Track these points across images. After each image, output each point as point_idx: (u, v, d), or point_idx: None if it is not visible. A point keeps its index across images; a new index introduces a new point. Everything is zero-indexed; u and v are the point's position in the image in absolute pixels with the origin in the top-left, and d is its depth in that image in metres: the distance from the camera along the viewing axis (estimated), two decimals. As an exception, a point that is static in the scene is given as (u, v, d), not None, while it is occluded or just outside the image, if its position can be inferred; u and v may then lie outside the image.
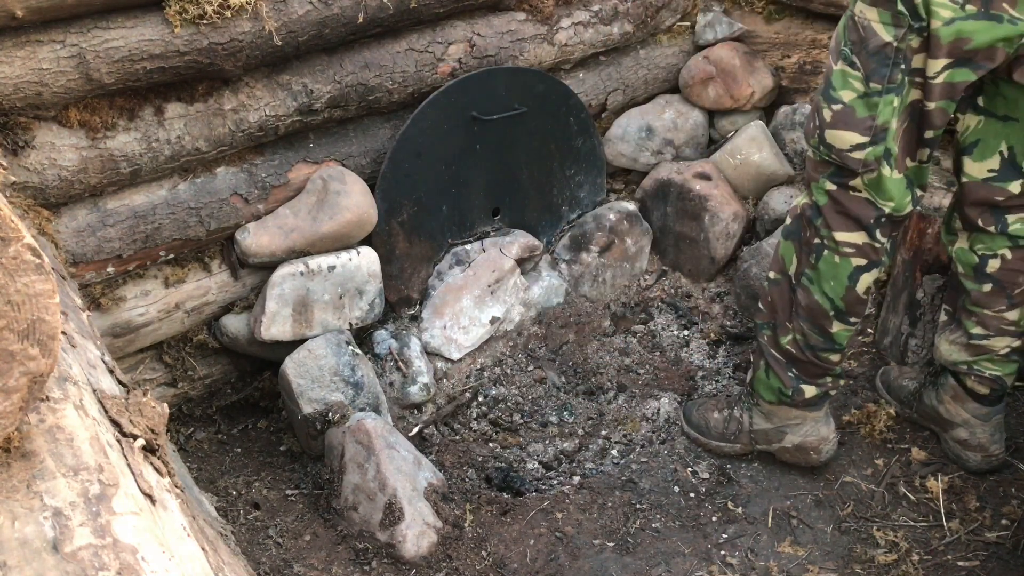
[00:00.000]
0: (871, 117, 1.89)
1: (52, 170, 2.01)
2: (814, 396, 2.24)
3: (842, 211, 2.01)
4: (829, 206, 2.03)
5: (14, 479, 0.92)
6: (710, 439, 2.42)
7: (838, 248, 2.04)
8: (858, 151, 1.92)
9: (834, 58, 1.93)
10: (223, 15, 2.05)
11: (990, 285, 2.13)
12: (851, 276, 2.06)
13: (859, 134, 1.90)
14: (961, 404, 2.27)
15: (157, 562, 0.91)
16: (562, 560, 2.12)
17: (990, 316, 2.15)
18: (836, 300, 2.08)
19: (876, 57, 1.84)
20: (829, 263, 2.06)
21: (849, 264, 2.05)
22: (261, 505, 2.29)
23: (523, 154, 2.78)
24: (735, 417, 2.37)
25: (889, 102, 1.86)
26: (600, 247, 2.92)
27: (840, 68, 1.90)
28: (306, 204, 2.39)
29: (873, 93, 1.86)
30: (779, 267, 2.19)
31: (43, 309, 0.89)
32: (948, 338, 2.26)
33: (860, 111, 1.89)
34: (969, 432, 2.27)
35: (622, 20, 2.91)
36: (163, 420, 1.23)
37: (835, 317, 2.11)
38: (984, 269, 2.12)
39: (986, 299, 2.14)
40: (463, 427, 2.57)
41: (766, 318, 2.24)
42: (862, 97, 1.88)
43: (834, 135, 1.93)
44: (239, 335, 2.43)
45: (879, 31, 1.82)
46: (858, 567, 2.09)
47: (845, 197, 2.00)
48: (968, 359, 2.22)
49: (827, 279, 2.08)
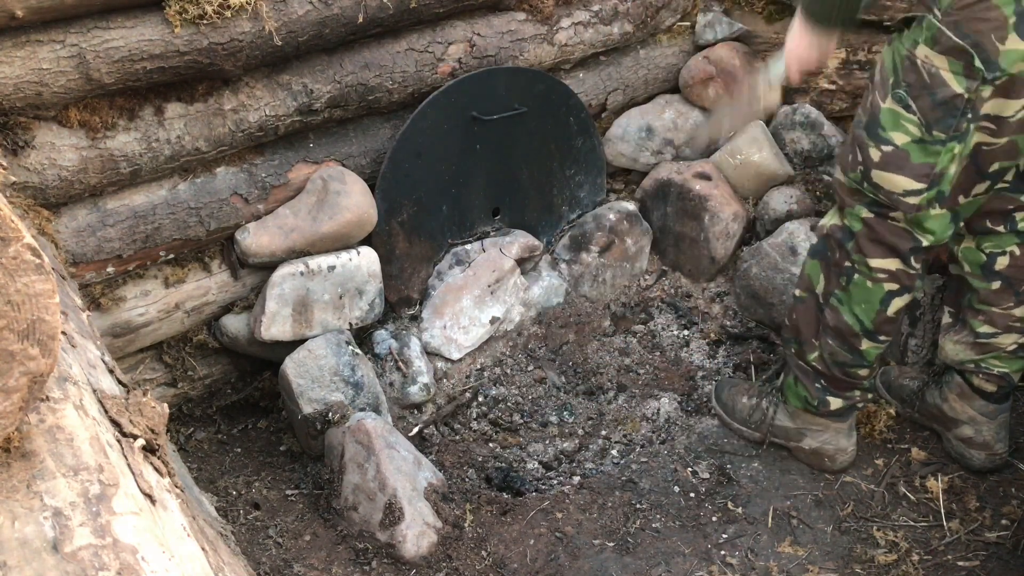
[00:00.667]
0: (930, 165, 1.83)
1: (52, 170, 2.01)
2: (840, 408, 2.24)
3: (877, 239, 1.99)
4: (864, 233, 2.00)
5: (14, 479, 0.92)
6: (733, 420, 2.45)
7: (871, 274, 2.02)
8: (913, 196, 1.88)
9: (882, 94, 1.85)
10: (223, 15, 2.05)
11: (999, 282, 2.13)
12: (883, 300, 2.04)
13: (915, 180, 1.86)
14: (968, 402, 2.27)
15: (157, 562, 0.91)
16: (562, 560, 2.12)
17: (998, 313, 2.15)
18: (867, 322, 2.07)
19: (944, 107, 1.78)
20: (861, 287, 2.04)
21: (882, 289, 2.03)
22: (261, 505, 2.29)
23: (523, 154, 2.78)
24: (761, 408, 2.39)
25: (950, 150, 1.82)
26: (600, 247, 2.92)
27: (891, 107, 1.83)
28: (306, 204, 2.39)
29: (936, 141, 1.81)
30: (806, 285, 2.17)
31: (43, 309, 0.89)
32: (953, 338, 2.26)
33: (916, 156, 1.84)
34: (975, 430, 2.27)
35: (622, 20, 2.91)
36: (163, 420, 1.23)
37: (865, 336, 2.10)
38: (993, 267, 2.12)
39: (994, 296, 2.14)
40: (463, 427, 2.57)
41: (792, 334, 2.24)
42: (918, 143, 1.82)
43: (884, 177, 1.88)
44: (239, 335, 2.43)
45: (949, 81, 1.76)
46: (858, 567, 2.09)
47: (882, 226, 1.97)
48: (975, 357, 2.22)
49: (858, 302, 2.06)
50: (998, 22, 1.67)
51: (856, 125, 1.96)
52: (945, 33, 1.72)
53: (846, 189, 2.02)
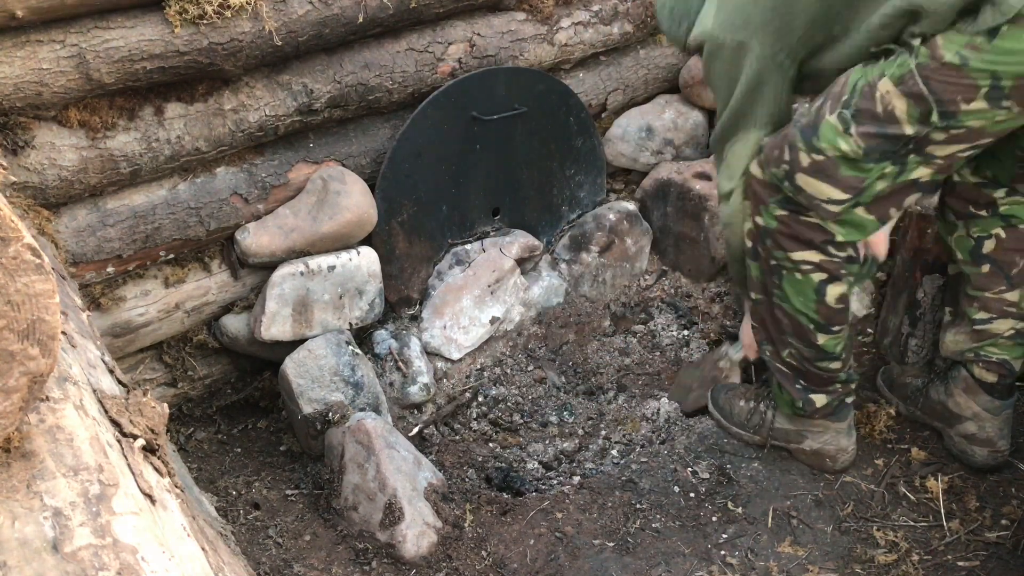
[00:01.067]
0: (859, 179, 1.85)
1: (52, 170, 2.01)
2: (826, 405, 2.24)
3: (792, 235, 1.99)
4: (778, 229, 2.00)
5: (14, 479, 0.92)
6: (731, 424, 2.44)
7: (797, 267, 2.02)
8: (834, 205, 1.89)
9: (831, 107, 1.85)
10: (223, 15, 2.06)
11: (988, 266, 2.15)
12: (817, 290, 2.04)
13: (841, 191, 1.87)
14: (972, 397, 2.27)
15: (157, 562, 0.91)
16: (562, 560, 2.12)
17: (991, 298, 2.17)
18: (811, 314, 2.08)
19: (887, 140, 1.79)
20: (792, 281, 2.05)
21: (811, 280, 2.03)
22: (261, 505, 2.29)
23: (523, 154, 2.78)
24: (760, 411, 2.39)
25: (882, 168, 1.83)
26: (600, 247, 2.92)
27: (834, 123, 1.83)
28: (306, 204, 2.39)
29: (869, 161, 1.83)
30: (756, 288, 2.17)
31: (43, 309, 0.89)
32: (952, 331, 2.28)
33: (846, 170, 1.85)
34: (978, 426, 2.27)
35: (622, 20, 2.91)
36: (163, 420, 1.23)
37: (817, 330, 2.10)
38: (981, 250, 2.15)
39: (985, 281, 2.17)
40: (463, 427, 2.57)
41: (762, 336, 2.25)
42: (850, 160, 1.84)
43: (810, 182, 1.89)
44: (239, 335, 2.44)
45: (902, 121, 1.76)
46: (858, 567, 2.09)
47: (795, 222, 1.97)
48: (973, 346, 2.23)
49: (795, 296, 2.07)
50: (970, 88, 1.69)
51: (794, 123, 1.94)
52: (915, 79, 1.73)
53: (762, 184, 2.00)
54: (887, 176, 1.84)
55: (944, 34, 1.69)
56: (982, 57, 1.65)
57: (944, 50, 1.68)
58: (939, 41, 1.69)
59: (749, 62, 1.95)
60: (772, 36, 1.91)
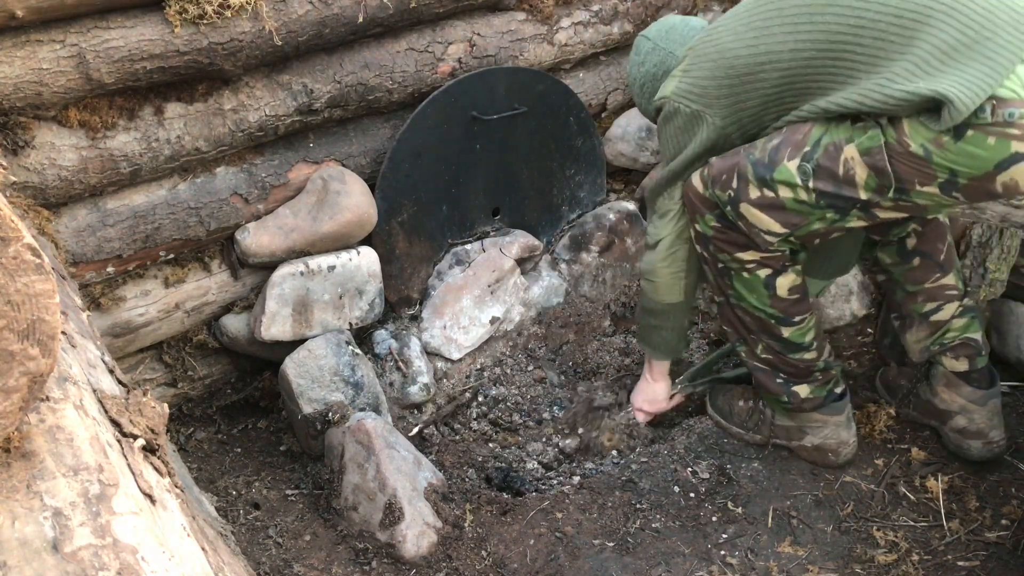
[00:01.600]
0: (802, 219, 1.95)
1: (52, 170, 2.01)
2: (812, 395, 2.25)
3: (729, 240, 2.07)
4: (716, 236, 2.08)
5: (14, 479, 0.92)
6: (731, 424, 2.44)
7: (743, 266, 2.09)
8: (772, 236, 2.00)
9: (791, 153, 1.91)
10: (223, 15, 2.06)
11: (917, 258, 2.27)
12: (766, 285, 2.10)
13: (781, 226, 1.97)
14: (955, 390, 2.30)
15: (157, 562, 0.91)
16: (562, 560, 2.12)
17: (931, 288, 2.29)
18: (768, 309, 2.13)
19: (840, 199, 1.89)
20: (740, 280, 2.12)
21: (758, 276, 2.09)
22: (261, 505, 2.29)
23: (523, 154, 2.78)
24: (759, 409, 2.40)
25: (823, 214, 1.93)
26: (600, 247, 2.92)
27: (792, 172, 1.91)
28: (306, 204, 2.39)
29: (816, 207, 1.92)
30: (715, 291, 2.25)
31: (43, 309, 0.89)
32: (909, 334, 2.37)
33: (791, 209, 1.94)
34: (968, 419, 2.28)
35: (622, 20, 2.91)
36: (163, 420, 1.23)
37: (778, 324, 2.15)
38: (905, 248, 2.28)
39: (920, 274, 2.28)
40: (463, 427, 2.57)
41: (735, 337, 2.29)
42: (799, 203, 1.93)
43: (753, 213, 1.98)
44: (239, 335, 2.44)
45: (859, 187, 1.85)
46: (858, 567, 2.09)
47: (730, 230, 2.06)
48: (934, 337, 2.31)
49: (748, 294, 2.13)
50: (928, 176, 1.78)
51: (746, 153, 1.99)
52: (882, 155, 1.80)
53: (700, 197, 2.08)
54: (827, 220, 1.95)
55: (910, 123, 1.76)
56: (945, 155, 1.74)
57: (911, 140, 1.76)
58: (906, 129, 1.77)
59: (703, 130, 2.06)
60: (726, 110, 2.03)
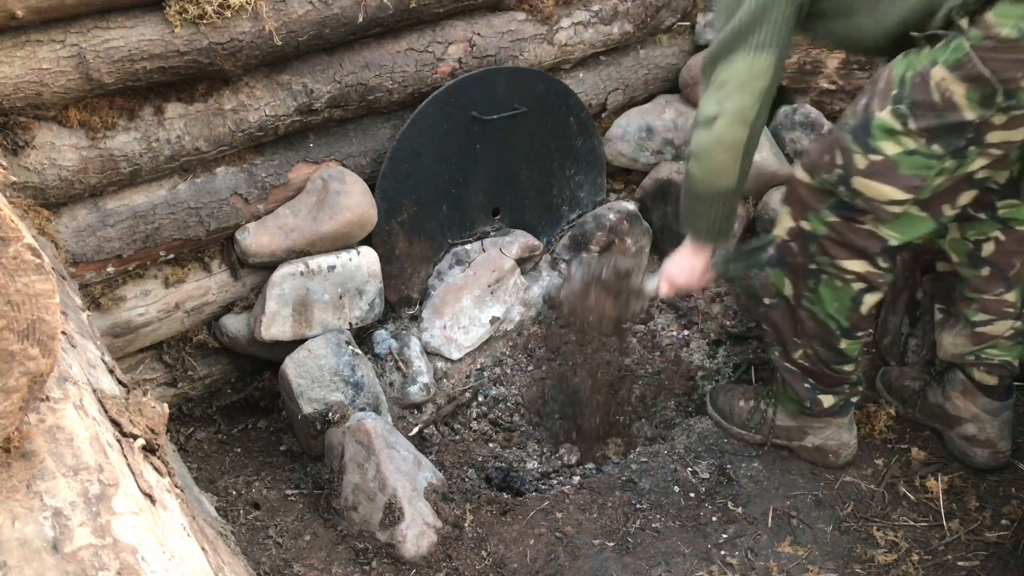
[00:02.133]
0: (921, 177, 1.80)
1: (52, 170, 2.01)
2: (833, 405, 2.24)
3: (844, 242, 1.97)
4: (829, 236, 1.98)
5: (14, 479, 0.92)
6: (732, 424, 2.44)
7: (841, 275, 2.01)
8: (896, 206, 1.86)
9: (880, 104, 1.80)
10: (223, 15, 2.05)
11: (988, 269, 2.13)
12: (854, 299, 2.04)
13: (902, 191, 1.83)
14: (971, 399, 2.27)
15: (157, 562, 0.91)
16: (562, 560, 2.12)
17: (990, 300, 2.16)
18: (842, 321, 2.07)
19: (949, 130, 1.74)
20: (831, 288, 2.04)
21: (851, 289, 2.03)
22: (261, 505, 2.29)
23: (523, 154, 2.78)
24: (760, 409, 2.39)
25: (943, 163, 1.78)
26: (600, 247, 2.92)
27: (887, 119, 1.78)
28: (306, 204, 2.39)
29: (932, 156, 1.77)
30: (773, 292, 2.16)
31: (43, 309, 0.89)
32: (950, 332, 2.26)
33: (905, 168, 1.80)
34: (978, 428, 2.27)
35: (622, 20, 2.91)
36: (163, 420, 1.23)
37: (842, 336, 2.10)
38: (980, 254, 2.12)
39: (985, 284, 2.15)
40: (463, 427, 2.57)
41: (773, 338, 2.24)
42: (911, 155, 1.78)
43: (869, 185, 1.85)
44: (239, 335, 2.44)
45: (962, 107, 1.71)
46: (858, 567, 2.09)
47: (848, 229, 1.95)
48: (974, 348, 2.22)
49: (830, 302, 2.06)
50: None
51: (841, 127, 1.90)
52: (973, 61, 1.67)
53: (811, 190, 1.97)
54: (946, 170, 1.80)
55: (995, 8, 1.62)
56: None
57: (999, 26, 1.62)
58: (991, 18, 1.62)
59: None
60: None
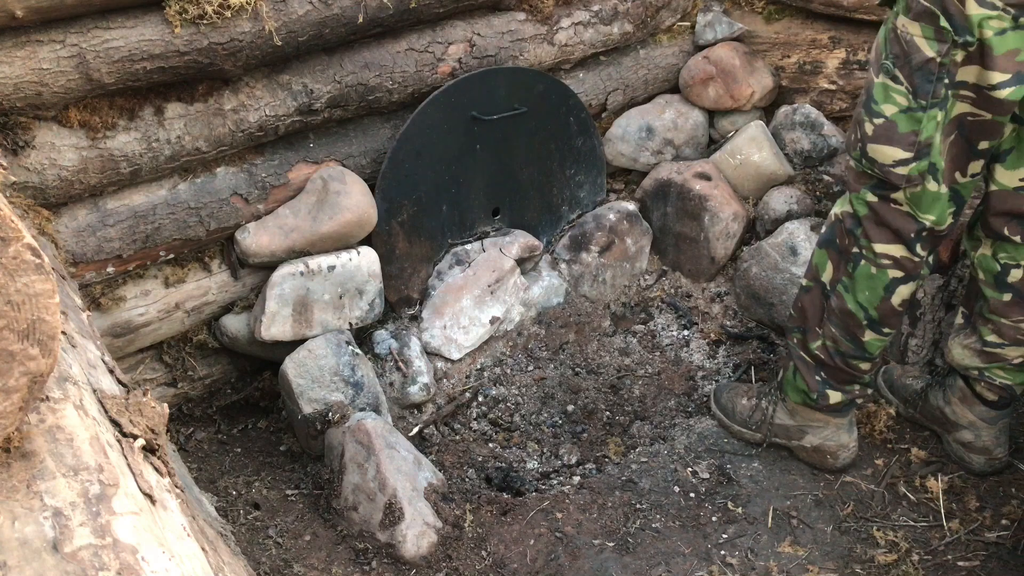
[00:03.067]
0: (914, 132, 1.87)
1: (52, 170, 2.01)
2: (838, 402, 2.24)
3: (882, 223, 2.01)
4: (869, 217, 2.03)
5: (14, 479, 0.92)
6: (733, 423, 2.45)
7: (876, 259, 2.04)
8: (901, 167, 1.91)
9: (875, 70, 1.91)
10: (223, 15, 2.05)
11: (1010, 295, 2.10)
12: (887, 287, 2.05)
13: (902, 149, 1.89)
14: (969, 406, 2.27)
15: (157, 562, 0.91)
16: (562, 560, 2.12)
17: (1007, 325, 2.13)
18: (870, 309, 2.08)
19: (920, 72, 1.82)
20: (865, 273, 2.06)
21: (886, 275, 2.04)
22: (261, 505, 2.29)
23: (523, 154, 2.78)
24: (761, 407, 2.39)
25: (932, 117, 1.85)
26: (600, 247, 2.92)
27: (882, 81, 1.89)
28: (306, 204, 2.39)
29: (917, 108, 1.85)
30: (812, 274, 2.19)
31: (43, 309, 0.89)
32: (962, 342, 2.24)
33: (903, 126, 1.88)
34: (974, 434, 2.27)
35: (622, 20, 2.91)
36: (163, 420, 1.23)
37: (868, 326, 2.11)
38: (1005, 279, 2.09)
39: (1005, 308, 2.12)
40: (463, 427, 2.57)
41: (797, 323, 2.25)
42: (905, 112, 1.87)
43: (876, 149, 1.92)
44: (239, 335, 2.43)
45: (922, 46, 1.80)
46: (858, 567, 2.09)
47: (886, 209, 2.00)
48: (980, 365, 2.21)
49: (862, 288, 2.08)
50: None
51: (858, 105, 2.01)
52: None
53: (854, 173, 2.05)
54: (940, 125, 1.87)
55: None
56: None
57: None
58: None
59: None
60: None
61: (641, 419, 2.60)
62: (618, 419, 2.60)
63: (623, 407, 2.64)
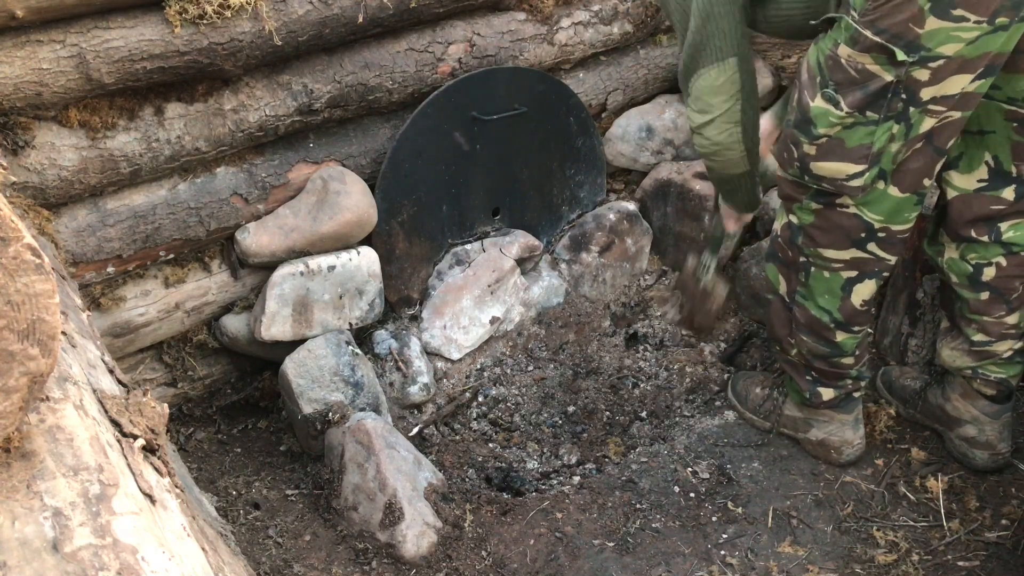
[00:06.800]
0: (866, 146, 1.84)
1: (52, 170, 2.01)
2: (832, 398, 2.27)
3: (828, 228, 2.00)
4: (814, 224, 2.02)
5: (14, 479, 0.92)
6: (745, 410, 2.49)
7: (828, 264, 2.05)
8: (856, 179, 1.89)
9: (811, 93, 1.87)
10: (223, 15, 2.05)
11: (987, 292, 2.12)
12: (844, 288, 2.07)
13: (854, 163, 1.87)
14: (971, 401, 2.28)
15: (157, 562, 0.91)
16: (562, 560, 2.12)
17: (990, 322, 2.15)
18: (834, 312, 2.10)
19: (876, 94, 1.79)
20: (819, 279, 2.08)
21: (839, 277, 2.06)
22: (261, 505, 2.29)
23: (523, 154, 2.78)
24: (772, 397, 2.43)
25: (887, 129, 1.82)
26: (600, 247, 2.92)
27: (821, 105, 1.85)
28: (306, 204, 2.39)
29: (870, 122, 1.82)
30: (769, 288, 2.23)
31: (43, 309, 0.89)
32: (950, 345, 2.26)
33: (851, 140, 1.85)
34: (978, 429, 2.27)
35: (622, 20, 2.91)
36: (163, 420, 1.23)
37: (836, 328, 2.12)
38: (980, 278, 2.11)
39: (984, 306, 2.14)
40: (463, 427, 2.57)
41: (771, 334, 2.30)
42: (851, 128, 1.84)
43: (824, 167, 1.90)
44: (239, 335, 2.43)
45: (877, 72, 1.76)
46: (858, 567, 2.09)
47: (832, 214, 1.98)
48: (972, 364, 2.22)
49: (820, 294, 2.09)
50: (912, 13, 1.68)
51: (787, 124, 1.97)
52: (863, 33, 1.73)
53: (789, 184, 2.03)
54: (897, 136, 1.83)
55: None
56: None
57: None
58: None
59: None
60: None
61: (641, 419, 2.60)
62: (618, 419, 2.60)
63: (623, 407, 2.64)
